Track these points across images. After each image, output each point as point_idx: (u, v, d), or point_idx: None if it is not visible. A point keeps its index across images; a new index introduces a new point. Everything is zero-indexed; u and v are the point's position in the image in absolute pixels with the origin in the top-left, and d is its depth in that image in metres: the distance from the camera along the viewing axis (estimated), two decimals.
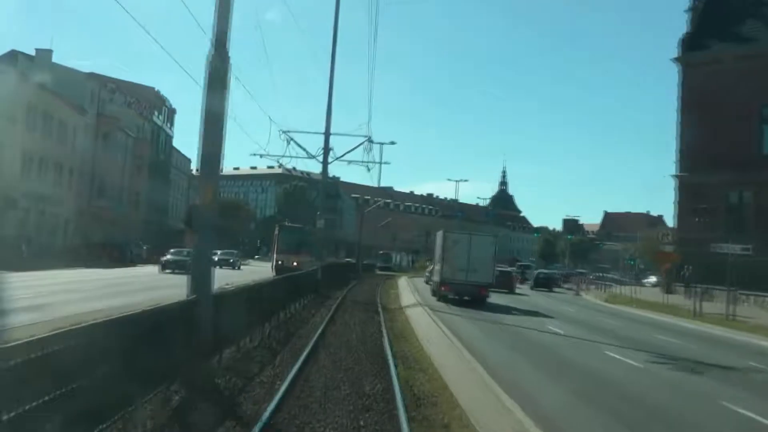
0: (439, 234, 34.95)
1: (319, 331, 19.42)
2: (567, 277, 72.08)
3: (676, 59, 50.97)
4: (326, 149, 36.04)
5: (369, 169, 39.07)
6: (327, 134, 35.97)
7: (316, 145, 35.93)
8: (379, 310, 27.80)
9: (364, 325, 22.33)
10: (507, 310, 32.03)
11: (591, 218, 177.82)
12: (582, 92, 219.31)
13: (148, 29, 33.95)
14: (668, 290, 52.32)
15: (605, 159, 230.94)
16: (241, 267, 53.85)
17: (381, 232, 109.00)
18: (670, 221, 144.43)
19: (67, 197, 60.30)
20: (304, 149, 36.85)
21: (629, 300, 43.78)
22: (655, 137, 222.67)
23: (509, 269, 56.62)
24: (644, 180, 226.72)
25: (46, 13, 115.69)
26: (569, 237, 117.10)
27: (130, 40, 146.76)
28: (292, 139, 36.02)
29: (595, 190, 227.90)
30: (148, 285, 29.19)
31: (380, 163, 39.69)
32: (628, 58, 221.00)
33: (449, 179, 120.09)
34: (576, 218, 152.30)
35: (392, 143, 69.97)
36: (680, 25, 51.98)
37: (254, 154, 35.88)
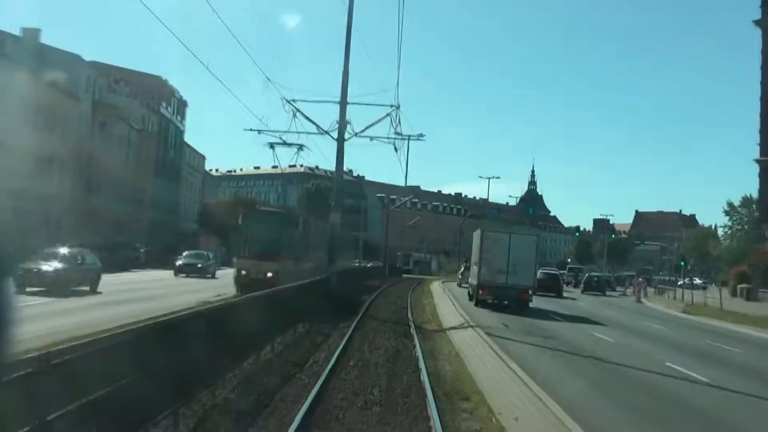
0: (477, 233, 31.69)
1: (316, 390, 11.05)
2: (619, 280, 63.95)
3: (758, 22, 42.34)
4: (342, 122, 27.70)
5: (396, 149, 30.68)
6: (343, 103, 27.61)
7: (329, 119, 26.83)
8: (413, 333, 19.45)
9: (393, 367, 14.03)
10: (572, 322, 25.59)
11: (621, 218, 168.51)
12: (609, 89, 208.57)
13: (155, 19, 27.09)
14: (750, 297, 43.83)
15: (635, 157, 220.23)
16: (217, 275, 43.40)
17: (408, 233, 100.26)
18: (704, 220, 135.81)
19: (57, 194, 52.48)
20: (315, 123, 28.33)
21: (714, 311, 35.03)
22: (686, 132, 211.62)
23: (556, 271, 50.48)
24: (674, 178, 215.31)
25: None
26: (612, 236, 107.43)
27: (139, 30, 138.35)
28: (298, 110, 27.71)
29: (625, 189, 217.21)
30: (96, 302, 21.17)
31: (408, 137, 31.23)
32: (659, 51, 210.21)
33: (481, 176, 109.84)
34: (607, 218, 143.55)
35: (421, 136, 61.96)
36: None
37: (249, 129, 27.07)
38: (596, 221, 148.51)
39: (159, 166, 72.42)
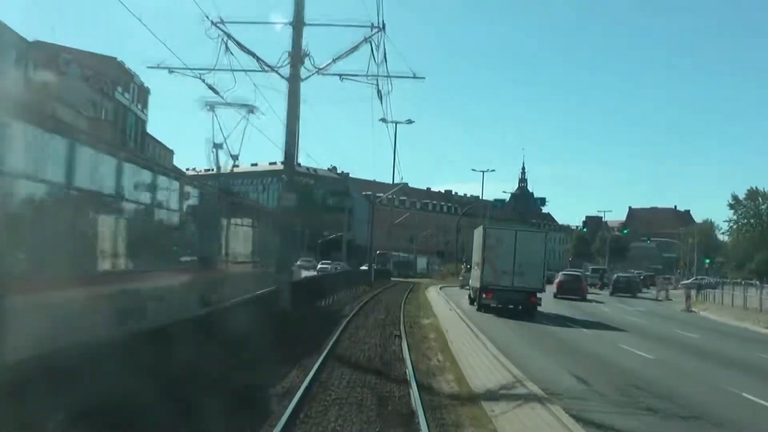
0: (478, 231, 28.93)
1: None
2: (647, 280, 59.94)
3: None
4: (297, 52, 17.37)
5: (381, 94, 20.52)
6: (298, 23, 17.29)
7: (278, 50, 15.45)
8: (418, 409, 9.20)
9: None
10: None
11: (613, 215, 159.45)
12: (598, 86, 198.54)
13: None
14: None
15: (625, 153, 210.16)
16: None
17: (397, 233, 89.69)
18: (698, 215, 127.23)
19: None
20: (255, 55, 17.94)
21: None
22: (678, 127, 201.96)
23: (579, 272, 46.56)
24: (665, 174, 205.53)
25: None
26: (624, 231, 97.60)
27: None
28: (230, 36, 17.40)
29: (616, 185, 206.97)
30: None
31: (395, 118, 21.10)
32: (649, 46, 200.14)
33: (474, 169, 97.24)
34: (602, 214, 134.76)
35: (410, 122, 52.59)
36: None
37: (153, 66, 16.06)
38: (588, 218, 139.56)
39: None
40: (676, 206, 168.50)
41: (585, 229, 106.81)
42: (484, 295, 26.37)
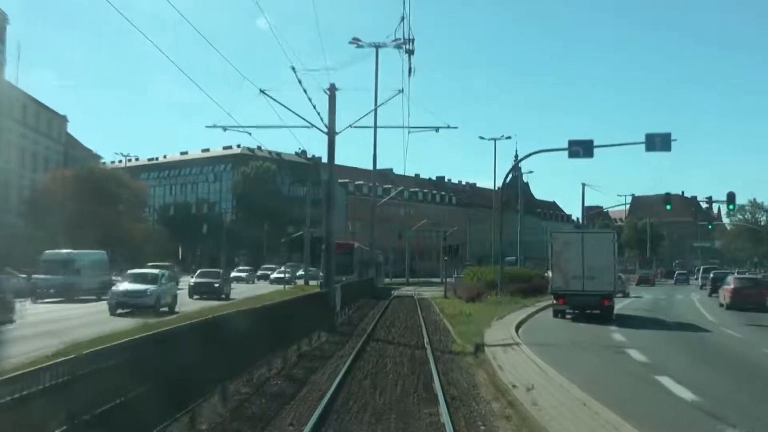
0: (549, 238, 26.21)
1: None
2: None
3: None
4: None
5: None
6: None
7: None
8: None
9: None
10: None
11: (612, 202, 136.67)
12: (592, 66, 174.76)
13: None
14: None
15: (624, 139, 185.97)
16: None
17: (383, 228, 63.63)
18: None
19: None
20: None
21: None
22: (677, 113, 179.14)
23: (757, 275, 41.66)
24: (663, 162, 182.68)
25: None
26: (731, 207, 73.66)
27: None
28: None
29: (612, 174, 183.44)
30: None
31: None
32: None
33: (482, 137, 65.75)
34: (599, 205, 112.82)
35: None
36: None
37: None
38: (587, 208, 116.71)
39: None
40: (683, 192, 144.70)
41: (670, 206, 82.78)
42: (555, 301, 24.44)
